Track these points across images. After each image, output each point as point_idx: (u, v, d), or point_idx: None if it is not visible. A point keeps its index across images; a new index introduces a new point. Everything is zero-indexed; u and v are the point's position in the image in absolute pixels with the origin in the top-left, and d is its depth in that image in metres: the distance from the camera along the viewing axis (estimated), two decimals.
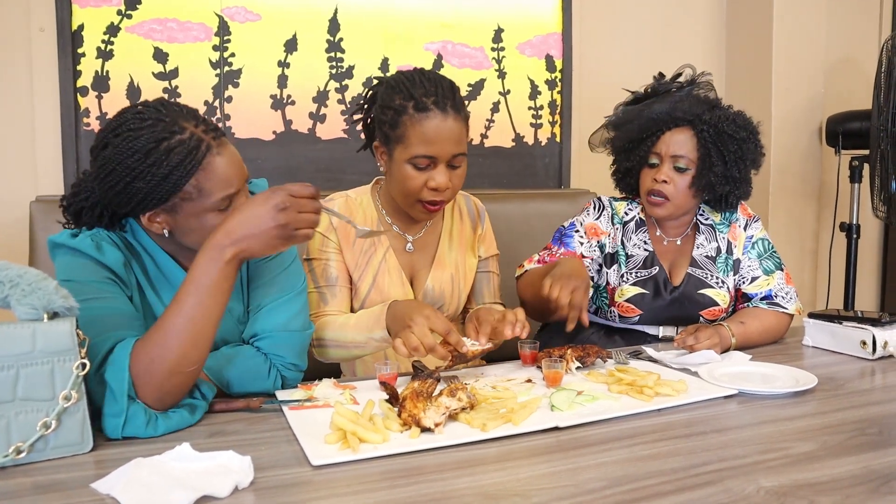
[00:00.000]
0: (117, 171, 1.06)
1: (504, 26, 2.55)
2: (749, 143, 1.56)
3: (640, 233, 1.67)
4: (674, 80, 1.66)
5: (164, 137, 1.06)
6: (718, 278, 1.62)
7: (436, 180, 1.36)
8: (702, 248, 1.65)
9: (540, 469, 0.89)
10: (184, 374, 1.02)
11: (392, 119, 1.36)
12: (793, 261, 2.87)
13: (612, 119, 1.70)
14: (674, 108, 1.58)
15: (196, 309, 1.01)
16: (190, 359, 1.01)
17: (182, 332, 1.00)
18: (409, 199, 1.41)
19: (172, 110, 1.09)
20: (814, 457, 0.92)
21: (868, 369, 1.37)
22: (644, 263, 1.63)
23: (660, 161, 1.59)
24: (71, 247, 1.10)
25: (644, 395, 1.14)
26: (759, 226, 1.68)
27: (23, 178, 2.06)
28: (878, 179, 2.55)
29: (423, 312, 1.23)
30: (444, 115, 1.34)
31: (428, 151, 1.34)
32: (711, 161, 1.54)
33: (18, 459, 0.89)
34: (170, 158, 1.05)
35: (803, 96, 2.85)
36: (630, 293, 1.61)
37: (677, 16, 2.89)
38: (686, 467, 0.88)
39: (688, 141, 1.57)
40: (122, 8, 2.10)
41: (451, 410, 1.01)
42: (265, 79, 2.27)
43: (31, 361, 0.90)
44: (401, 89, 1.36)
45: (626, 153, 1.67)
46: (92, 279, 1.08)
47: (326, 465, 0.89)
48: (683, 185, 1.57)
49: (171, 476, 0.83)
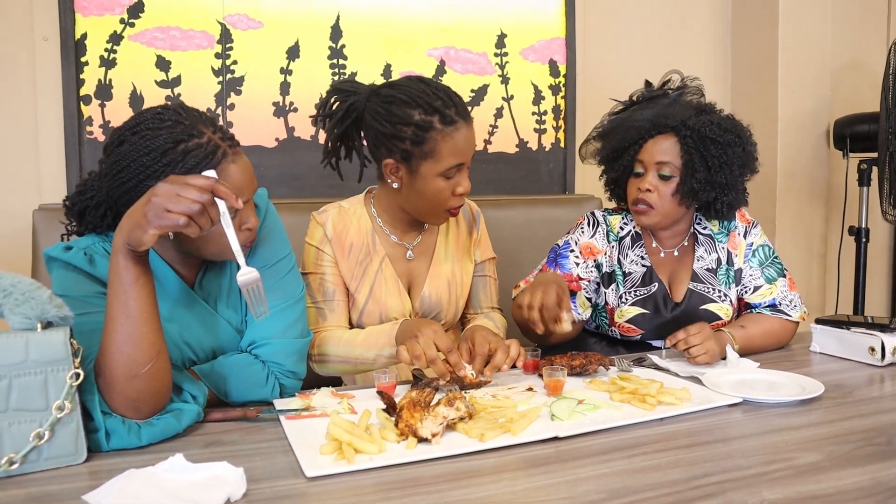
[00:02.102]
0: (131, 168, 1.06)
1: (507, 31, 2.54)
2: (735, 147, 1.50)
3: (637, 247, 1.63)
4: (662, 87, 1.63)
5: (182, 139, 1.06)
6: (721, 291, 1.58)
7: (463, 185, 1.40)
8: (702, 261, 1.60)
9: (538, 481, 0.87)
10: (140, 378, 0.98)
11: (415, 135, 1.34)
12: (801, 265, 2.84)
13: (598, 129, 1.67)
14: (657, 114, 1.54)
15: (118, 308, 0.98)
16: (136, 360, 0.98)
17: (115, 335, 0.98)
18: (437, 210, 1.42)
19: (192, 115, 1.10)
20: (819, 468, 0.90)
21: (877, 376, 1.34)
22: (643, 280, 1.59)
23: (644, 169, 1.54)
24: (64, 261, 1.09)
25: (646, 403, 1.12)
26: (758, 232, 1.64)
27: (26, 186, 2.07)
28: (888, 183, 2.52)
29: (432, 327, 1.26)
30: (467, 124, 1.37)
31: (459, 161, 1.37)
32: (694, 167, 1.49)
33: (11, 471, 0.89)
34: (185, 160, 1.05)
35: (810, 99, 2.83)
36: (630, 314, 1.58)
37: (682, 20, 2.88)
38: (687, 479, 0.86)
39: (671, 148, 1.52)
40: (125, 16, 2.11)
41: (448, 420, 1.00)
42: (267, 86, 2.27)
43: (24, 371, 0.90)
44: (417, 103, 1.34)
45: (612, 163, 1.64)
46: (83, 294, 1.08)
47: (321, 477, 0.88)
48: (668, 193, 1.52)
49: (162, 488, 0.82)
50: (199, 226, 0.96)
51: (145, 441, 0.99)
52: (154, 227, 0.94)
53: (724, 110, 1.60)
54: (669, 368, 1.36)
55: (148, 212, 0.93)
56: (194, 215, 0.94)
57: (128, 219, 0.97)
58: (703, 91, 1.62)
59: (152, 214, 0.93)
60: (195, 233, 0.96)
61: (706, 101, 1.60)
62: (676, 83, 1.62)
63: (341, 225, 1.49)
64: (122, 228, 0.97)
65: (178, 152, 1.05)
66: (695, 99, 1.60)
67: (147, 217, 0.93)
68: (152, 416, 1.01)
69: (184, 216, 0.93)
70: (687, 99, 1.59)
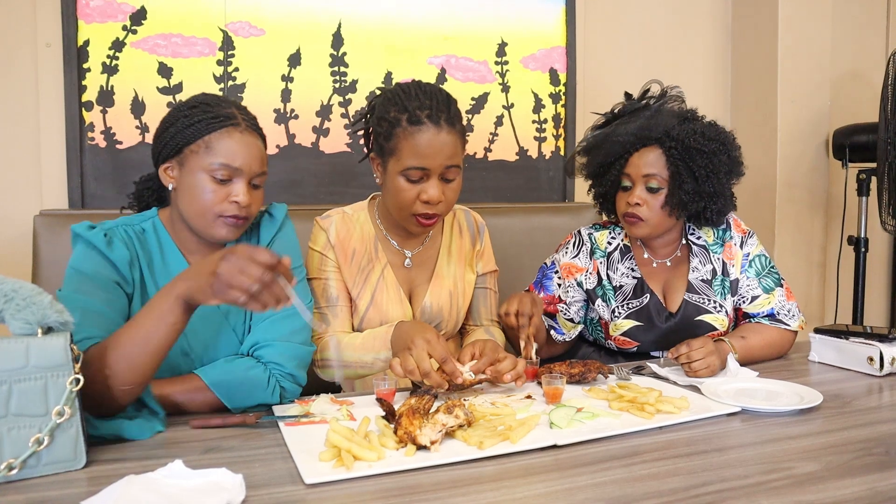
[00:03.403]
0: (165, 120, 1.24)
1: (507, 40, 2.55)
2: (721, 155, 1.50)
3: (627, 260, 1.62)
4: (642, 98, 1.61)
5: (210, 104, 1.22)
6: (716, 302, 1.57)
7: (428, 193, 1.36)
8: (697, 272, 1.60)
9: (536, 489, 0.87)
10: (117, 391, 1.02)
11: (386, 131, 1.37)
12: (800, 274, 2.85)
13: (583, 144, 1.66)
14: (640, 127, 1.53)
15: (140, 333, 1.02)
16: (124, 378, 1.01)
17: (122, 350, 1.01)
18: (403, 213, 1.41)
19: (232, 101, 1.27)
20: (817, 478, 0.90)
21: (875, 386, 1.34)
22: (634, 292, 1.59)
23: (632, 183, 1.54)
24: (85, 238, 1.18)
25: (645, 412, 1.13)
26: (754, 241, 1.63)
27: (27, 192, 2.07)
28: (886, 193, 2.52)
29: (425, 336, 1.23)
30: (438, 129, 1.34)
31: (420, 164, 1.34)
32: (681, 178, 1.49)
33: (10, 476, 0.88)
34: (204, 114, 1.20)
35: (809, 109, 2.84)
36: (624, 327, 1.58)
37: (682, 29, 2.89)
38: (686, 487, 0.87)
39: (657, 160, 1.52)
40: (128, 23, 2.12)
41: (447, 428, 1.00)
42: (269, 93, 2.28)
43: (24, 377, 0.90)
44: (396, 101, 1.37)
45: (598, 178, 1.63)
46: (94, 272, 1.15)
47: (320, 484, 0.88)
48: (657, 206, 1.52)
49: (162, 494, 0.82)
50: (262, 303, 0.99)
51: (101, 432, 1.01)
52: (216, 299, 0.99)
53: (705, 116, 1.59)
54: (668, 377, 1.36)
55: (214, 283, 0.98)
56: (255, 294, 0.97)
57: (196, 276, 1.01)
58: (683, 98, 1.61)
59: (217, 287, 0.98)
60: (258, 310, 0.99)
61: (687, 108, 1.59)
62: (657, 93, 1.61)
63: (345, 230, 1.49)
64: (187, 278, 1.02)
65: (201, 108, 1.21)
66: (675, 106, 1.58)
67: (213, 288, 0.98)
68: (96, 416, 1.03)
69: (244, 294, 0.97)
70: (669, 108, 1.58)
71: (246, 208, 1.20)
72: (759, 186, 2.87)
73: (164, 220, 1.29)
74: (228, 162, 1.19)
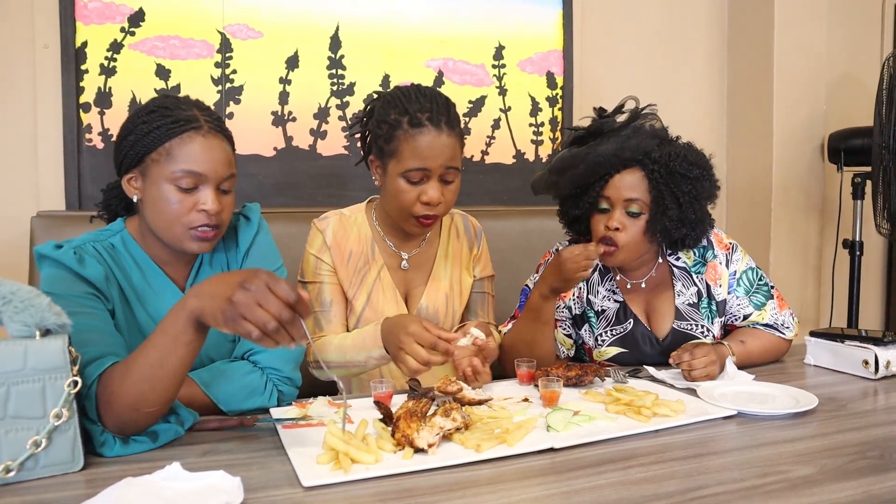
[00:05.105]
0: (124, 127, 1.18)
1: (505, 43, 2.56)
2: (704, 181, 1.44)
3: (607, 282, 1.56)
4: (615, 114, 1.51)
5: (169, 107, 1.16)
6: (703, 326, 1.53)
7: (428, 194, 1.37)
8: (682, 296, 1.54)
9: (533, 492, 0.87)
10: (142, 413, 0.98)
11: (387, 133, 1.38)
12: (796, 277, 2.86)
13: (556, 163, 1.53)
14: (621, 147, 1.43)
15: (157, 354, 0.97)
16: (148, 400, 0.98)
17: (141, 373, 0.97)
18: (402, 214, 1.41)
19: (192, 101, 1.20)
20: (813, 481, 0.90)
21: (870, 389, 1.35)
22: (617, 318, 1.54)
23: (611, 206, 1.46)
24: (53, 258, 1.11)
25: (642, 415, 1.13)
26: (739, 256, 1.56)
27: (24, 193, 2.07)
28: (881, 196, 2.54)
29: (409, 330, 1.24)
30: (438, 131, 1.36)
31: (420, 165, 1.36)
32: (665, 204, 1.42)
33: (8, 478, 0.88)
34: (163, 118, 1.14)
35: (805, 113, 2.85)
36: (609, 353, 1.54)
37: (678, 33, 2.91)
38: (682, 491, 0.87)
39: (639, 183, 1.44)
40: (126, 25, 2.12)
41: (444, 431, 1.00)
42: (266, 95, 2.28)
43: (22, 379, 0.90)
44: (396, 104, 1.38)
45: (573, 199, 1.52)
46: (72, 293, 1.09)
47: (318, 487, 0.88)
48: (637, 231, 1.44)
49: (160, 496, 0.82)
50: (275, 341, 0.91)
51: (115, 453, 0.99)
52: (226, 328, 0.91)
53: (680, 137, 1.53)
54: (665, 380, 1.36)
55: (227, 310, 0.90)
56: (270, 332, 0.89)
57: (210, 297, 0.93)
58: (658, 116, 1.52)
59: (230, 315, 0.90)
60: (269, 346, 0.92)
61: (661, 126, 1.52)
62: (632, 110, 1.51)
63: (342, 232, 1.50)
64: (200, 295, 0.94)
65: (159, 113, 1.14)
66: (649, 124, 1.50)
67: (225, 315, 0.91)
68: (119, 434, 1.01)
69: (257, 329, 0.89)
70: (646, 127, 1.49)
71: (216, 216, 1.15)
72: (754, 190, 2.88)
73: (133, 233, 1.22)
74: (192, 168, 1.12)
